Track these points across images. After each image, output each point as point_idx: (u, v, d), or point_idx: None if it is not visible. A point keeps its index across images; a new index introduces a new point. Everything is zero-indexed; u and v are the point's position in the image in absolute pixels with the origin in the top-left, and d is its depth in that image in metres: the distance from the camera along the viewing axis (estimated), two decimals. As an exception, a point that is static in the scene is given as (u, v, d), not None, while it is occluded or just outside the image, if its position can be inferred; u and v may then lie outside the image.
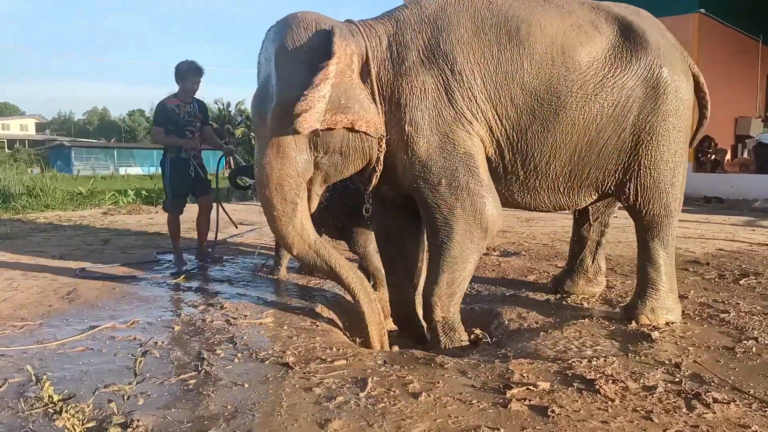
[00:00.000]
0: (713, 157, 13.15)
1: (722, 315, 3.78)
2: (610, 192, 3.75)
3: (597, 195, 3.78)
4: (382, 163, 3.40)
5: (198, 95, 5.47)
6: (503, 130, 3.42)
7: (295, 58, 3.16)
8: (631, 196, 3.67)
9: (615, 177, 3.66)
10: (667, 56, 3.58)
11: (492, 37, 3.35)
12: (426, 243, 3.71)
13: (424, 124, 3.28)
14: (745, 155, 14.05)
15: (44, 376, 2.21)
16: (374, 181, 3.49)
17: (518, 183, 3.62)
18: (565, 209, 4.01)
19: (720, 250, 6.19)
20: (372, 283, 4.54)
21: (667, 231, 3.73)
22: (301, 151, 3.23)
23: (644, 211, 3.70)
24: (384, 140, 3.34)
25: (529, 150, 3.48)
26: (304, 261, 3.63)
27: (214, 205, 5.67)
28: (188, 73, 5.27)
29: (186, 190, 5.46)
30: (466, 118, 3.32)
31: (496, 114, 3.38)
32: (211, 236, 5.71)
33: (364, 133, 3.24)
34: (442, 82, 3.29)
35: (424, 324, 3.68)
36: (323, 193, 3.66)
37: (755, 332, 3.42)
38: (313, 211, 3.50)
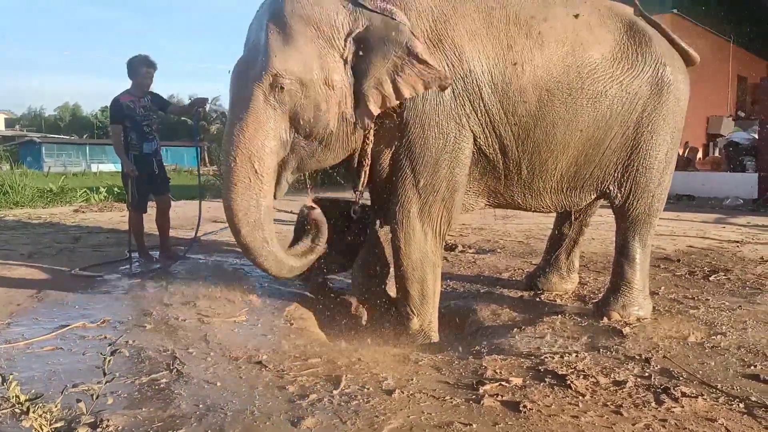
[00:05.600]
0: (685, 155, 13.37)
1: (692, 311, 3.83)
2: (608, 191, 3.72)
3: (596, 194, 3.76)
4: (370, 157, 3.23)
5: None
6: (509, 126, 3.31)
7: (303, 31, 2.91)
8: (623, 195, 3.68)
9: (614, 176, 3.66)
10: (668, 55, 3.63)
11: (501, 28, 3.26)
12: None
13: (424, 111, 3.14)
14: (717, 154, 14.31)
15: (11, 376, 2.16)
16: (363, 178, 3.32)
17: (520, 183, 3.52)
18: (565, 210, 4.00)
19: (691, 247, 6.29)
20: None
21: (648, 230, 3.76)
22: (279, 128, 2.96)
23: (630, 210, 3.70)
24: (372, 133, 3.17)
25: (536, 147, 3.40)
26: (249, 244, 3.12)
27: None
28: (141, 67, 5.23)
29: (148, 187, 5.41)
30: (465, 111, 3.20)
31: (502, 108, 3.27)
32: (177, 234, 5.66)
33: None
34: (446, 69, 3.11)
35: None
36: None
37: (723, 327, 3.48)
38: (279, 196, 3.19)
